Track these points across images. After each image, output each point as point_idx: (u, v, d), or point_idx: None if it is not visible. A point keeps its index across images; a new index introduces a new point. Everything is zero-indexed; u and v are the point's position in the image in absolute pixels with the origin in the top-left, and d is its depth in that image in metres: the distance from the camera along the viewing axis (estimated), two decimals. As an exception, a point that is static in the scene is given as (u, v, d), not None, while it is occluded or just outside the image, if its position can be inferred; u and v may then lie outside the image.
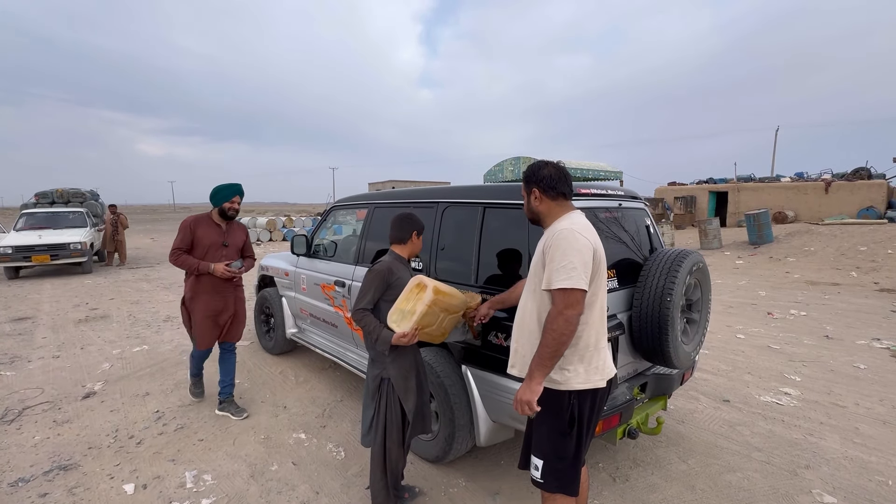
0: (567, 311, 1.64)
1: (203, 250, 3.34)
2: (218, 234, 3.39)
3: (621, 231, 2.76)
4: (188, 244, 3.34)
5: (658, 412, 2.85)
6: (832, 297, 7.66)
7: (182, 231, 3.32)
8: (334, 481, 2.75)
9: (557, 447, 1.78)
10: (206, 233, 3.34)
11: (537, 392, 1.69)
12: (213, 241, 3.35)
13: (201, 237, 3.32)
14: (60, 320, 6.52)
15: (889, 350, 4.96)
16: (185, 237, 3.32)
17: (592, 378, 1.75)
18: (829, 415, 3.53)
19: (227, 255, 3.40)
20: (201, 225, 3.36)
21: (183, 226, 3.34)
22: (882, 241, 11.22)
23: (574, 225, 1.74)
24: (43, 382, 4.23)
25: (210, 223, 3.39)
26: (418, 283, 2.16)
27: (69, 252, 10.25)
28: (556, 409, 1.76)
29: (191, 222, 3.34)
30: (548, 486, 1.80)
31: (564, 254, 1.66)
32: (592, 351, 1.76)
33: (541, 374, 1.69)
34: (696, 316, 2.85)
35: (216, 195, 3.35)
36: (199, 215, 3.41)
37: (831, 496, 2.56)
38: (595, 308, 1.76)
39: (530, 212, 1.94)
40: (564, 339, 1.65)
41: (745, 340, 5.41)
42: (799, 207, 19.73)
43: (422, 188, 3.41)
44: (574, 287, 1.63)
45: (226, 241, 3.40)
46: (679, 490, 2.64)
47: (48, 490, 2.65)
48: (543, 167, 1.87)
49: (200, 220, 3.38)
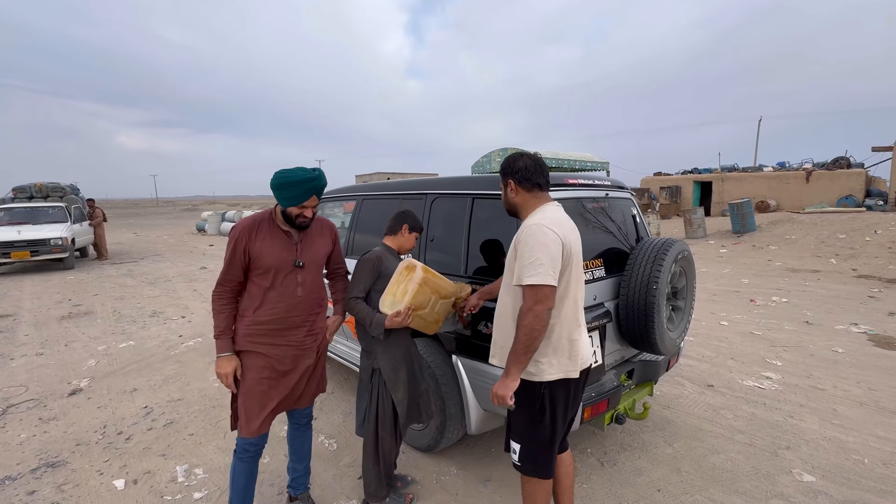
0: (536, 307, 1.67)
1: (267, 276, 2.06)
2: (286, 246, 2.09)
3: (608, 221, 2.79)
4: (241, 272, 2.04)
5: (645, 398, 2.91)
6: (812, 284, 7.85)
7: (230, 248, 2.02)
8: (327, 472, 2.77)
9: (532, 433, 1.85)
10: (268, 247, 2.04)
11: (512, 387, 1.75)
12: (281, 258, 2.06)
13: (260, 253, 2.03)
14: (43, 317, 6.41)
15: (866, 334, 5.12)
16: (234, 261, 2.01)
17: (566, 369, 1.79)
18: (808, 397, 3.64)
19: (303, 280, 2.13)
20: (260, 233, 2.05)
21: (233, 236, 2.02)
22: (860, 228, 11.51)
23: (544, 220, 1.75)
24: (27, 380, 4.17)
25: (273, 228, 2.08)
26: (407, 265, 2.19)
27: (50, 248, 10.05)
28: (530, 398, 1.83)
29: (244, 228, 2.03)
30: (524, 468, 1.89)
31: (532, 250, 1.68)
32: (566, 343, 1.79)
33: (516, 369, 1.74)
34: (681, 303, 2.91)
35: (281, 188, 2.00)
36: (258, 215, 2.11)
37: (810, 475, 2.65)
38: (567, 301, 1.78)
39: (507, 203, 1.97)
40: (536, 335, 1.68)
41: (729, 327, 5.53)
42: (781, 197, 20.10)
43: (410, 179, 3.40)
44: (541, 283, 1.66)
45: (299, 258, 2.11)
46: (665, 473, 2.71)
47: (36, 488, 2.62)
48: (519, 159, 1.88)
49: (259, 224, 2.06)
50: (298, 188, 1.98)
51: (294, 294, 2.10)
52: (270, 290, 2.07)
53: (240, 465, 2.11)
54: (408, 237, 2.40)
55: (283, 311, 2.08)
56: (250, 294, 2.08)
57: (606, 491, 2.56)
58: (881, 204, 16.13)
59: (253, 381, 2.06)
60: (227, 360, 2.03)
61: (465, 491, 2.59)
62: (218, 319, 2.05)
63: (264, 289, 2.06)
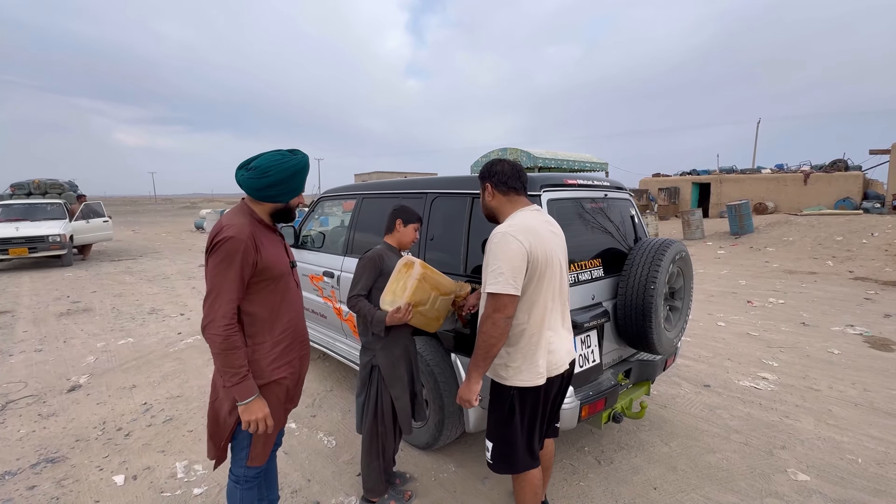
0: (494, 315, 1.70)
1: (276, 287, 1.76)
2: (281, 247, 1.83)
3: (607, 221, 2.81)
4: (244, 286, 1.66)
5: (641, 397, 2.93)
6: (809, 286, 7.89)
7: (235, 266, 1.60)
8: (326, 469, 2.79)
9: (502, 434, 1.89)
10: (272, 252, 1.73)
11: (475, 390, 1.79)
12: (284, 262, 1.80)
13: (269, 262, 1.70)
14: (41, 314, 6.40)
15: (862, 336, 5.15)
16: (241, 280, 1.63)
17: (533, 376, 1.80)
18: (804, 398, 3.66)
19: (297, 282, 1.92)
20: (259, 238, 1.69)
21: (235, 249, 1.60)
22: (857, 231, 11.55)
23: (510, 228, 1.76)
24: (26, 376, 4.17)
25: (264, 229, 1.76)
26: (406, 262, 2.20)
27: (48, 245, 10.03)
28: (500, 401, 1.86)
29: (248, 237, 1.63)
30: (495, 467, 1.93)
31: (495, 258, 1.71)
32: (534, 349, 1.80)
33: (476, 373, 1.78)
34: (678, 304, 2.93)
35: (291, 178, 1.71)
36: (242, 218, 1.69)
37: (805, 474, 2.68)
38: (537, 307, 1.78)
39: (485, 207, 2.00)
40: (493, 342, 1.71)
41: (726, 328, 5.56)
42: (779, 198, 20.15)
43: (410, 179, 3.42)
44: (500, 292, 1.68)
45: (292, 259, 1.90)
46: (661, 471, 2.73)
47: (36, 483, 2.63)
48: (497, 163, 1.91)
49: (253, 228, 1.68)
50: (306, 173, 1.76)
51: (297, 299, 1.89)
52: (282, 302, 1.78)
53: (248, 493, 1.88)
54: (405, 231, 2.40)
55: (295, 322, 1.85)
56: (256, 316, 1.72)
57: (603, 489, 2.58)
58: (878, 206, 16.20)
59: (275, 411, 1.78)
60: (259, 400, 1.68)
61: (463, 488, 2.61)
62: (237, 358, 1.62)
63: (276, 302, 1.76)
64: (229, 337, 1.59)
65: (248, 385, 1.64)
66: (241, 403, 1.64)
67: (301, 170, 1.72)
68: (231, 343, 1.60)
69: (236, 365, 1.62)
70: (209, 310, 1.59)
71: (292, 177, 1.70)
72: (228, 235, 1.60)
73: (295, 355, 1.85)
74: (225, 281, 1.59)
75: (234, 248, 1.59)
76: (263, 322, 1.73)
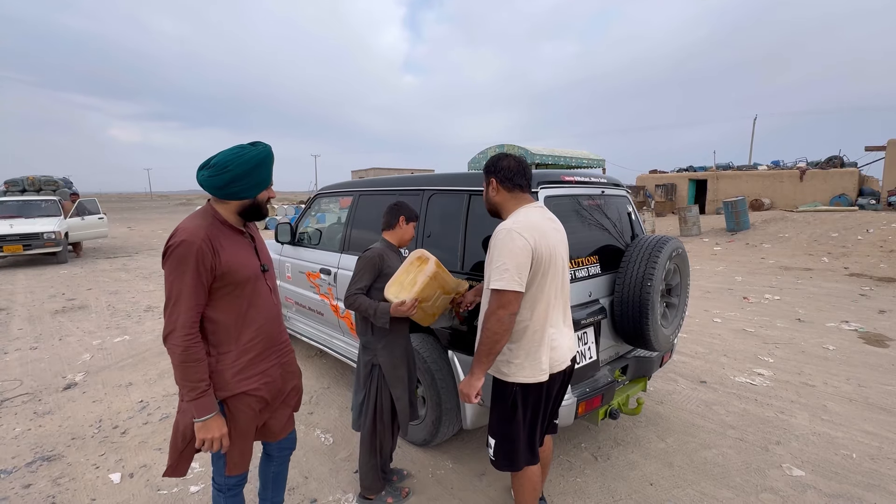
0: (499, 312, 1.70)
1: (241, 293, 1.66)
2: (248, 249, 1.72)
3: (603, 218, 2.81)
4: (205, 299, 1.59)
5: (638, 393, 2.94)
6: (805, 282, 7.93)
7: (191, 271, 1.52)
8: (323, 466, 2.79)
9: (505, 430, 1.89)
10: (234, 255, 1.63)
11: (476, 386, 1.79)
12: (251, 265, 1.69)
13: (229, 266, 1.60)
14: (37, 311, 6.37)
15: (857, 332, 5.18)
16: (199, 286, 1.55)
17: (536, 373, 1.81)
18: (799, 394, 3.69)
19: (272, 286, 1.81)
20: (219, 240, 1.60)
21: (188, 254, 1.51)
22: (852, 227, 11.61)
23: (515, 224, 1.75)
24: (21, 374, 4.15)
25: (227, 230, 1.66)
26: (420, 255, 2.16)
27: (42, 242, 9.97)
28: (503, 397, 1.87)
29: (203, 240, 1.54)
30: (497, 464, 1.94)
31: (500, 255, 1.71)
32: (537, 346, 1.80)
33: (479, 369, 1.78)
34: (675, 300, 2.94)
35: (255, 170, 1.61)
36: (200, 220, 1.61)
37: (800, 469, 2.69)
38: (541, 304, 1.79)
39: (488, 202, 1.98)
40: (497, 338, 1.71)
41: (722, 324, 5.58)
42: (775, 195, 20.22)
43: (408, 175, 3.41)
44: (505, 289, 1.68)
45: (263, 262, 1.78)
46: (658, 467, 2.75)
47: (32, 481, 2.62)
48: (503, 158, 1.90)
49: (212, 230, 1.60)
50: (270, 164, 1.65)
51: (271, 304, 1.76)
52: (249, 308, 1.68)
53: (232, 500, 1.83)
54: (406, 228, 2.38)
55: (267, 329, 1.74)
56: (220, 323, 1.63)
57: (600, 485, 2.59)
58: (873, 203, 16.26)
59: (247, 422, 1.71)
60: (217, 419, 1.60)
61: (461, 485, 2.61)
62: (195, 372, 1.54)
63: (242, 308, 1.66)
64: (189, 348, 1.52)
65: (206, 402, 1.56)
66: (198, 420, 1.56)
67: (262, 161, 1.61)
68: (190, 355, 1.53)
69: (195, 379, 1.54)
70: (169, 318, 1.53)
71: (254, 169, 1.60)
72: (179, 240, 1.52)
73: (270, 364, 1.76)
74: (183, 287, 1.52)
75: (186, 253, 1.51)
76: (228, 330, 1.64)
